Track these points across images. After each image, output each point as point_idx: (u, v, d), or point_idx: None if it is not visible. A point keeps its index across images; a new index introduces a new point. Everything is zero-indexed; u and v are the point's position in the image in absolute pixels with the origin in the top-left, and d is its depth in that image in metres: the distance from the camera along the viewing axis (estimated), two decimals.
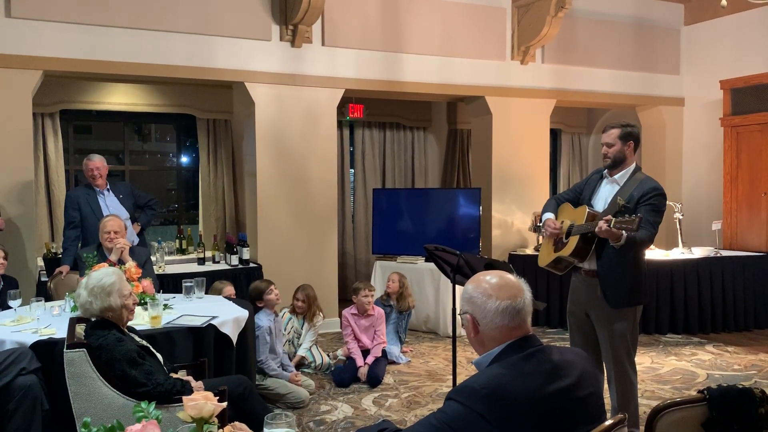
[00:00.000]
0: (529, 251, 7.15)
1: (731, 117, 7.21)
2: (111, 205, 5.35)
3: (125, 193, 5.53)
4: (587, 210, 3.58)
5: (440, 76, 6.95)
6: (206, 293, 4.63)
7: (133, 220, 5.53)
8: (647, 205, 3.43)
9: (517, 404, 1.71)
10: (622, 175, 3.60)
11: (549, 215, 3.79)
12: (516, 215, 7.38)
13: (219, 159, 7.38)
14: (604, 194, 3.65)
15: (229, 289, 4.89)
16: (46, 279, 5.20)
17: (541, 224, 3.87)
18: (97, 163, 5.34)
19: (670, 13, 8.12)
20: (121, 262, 4.37)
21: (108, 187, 5.43)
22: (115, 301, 2.96)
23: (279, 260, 6.28)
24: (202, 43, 5.94)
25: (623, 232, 3.26)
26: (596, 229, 3.34)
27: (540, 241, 7.02)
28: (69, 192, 5.79)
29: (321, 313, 5.43)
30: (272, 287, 4.93)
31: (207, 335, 3.68)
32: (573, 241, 3.57)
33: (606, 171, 3.68)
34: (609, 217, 3.32)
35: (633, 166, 3.62)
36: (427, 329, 6.61)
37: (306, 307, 5.31)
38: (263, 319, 4.70)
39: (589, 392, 1.84)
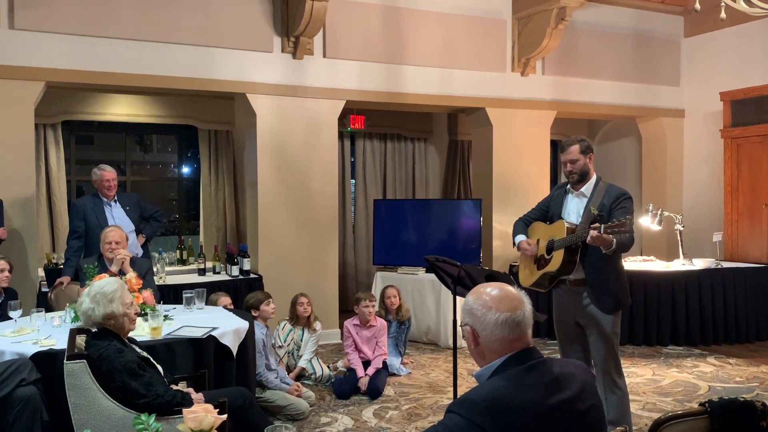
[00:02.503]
0: None
1: (731, 129, 7.23)
2: (117, 216, 5.35)
3: (132, 204, 5.53)
4: (565, 224, 3.63)
5: (441, 88, 6.97)
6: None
7: (138, 231, 5.53)
8: (620, 209, 3.55)
9: (517, 417, 1.71)
10: (587, 187, 3.71)
11: (521, 237, 3.90)
12: None
13: (220, 170, 7.40)
14: (574, 207, 3.73)
15: (225, 300, 4.88)
16: (47, 290, 5.20)
17: (515, 247, 3.97)
18: (112, 174, 5.37)
19: (670, 25, 8.15)
20: (121, 272, 4.37)
21: (116, 198, 5.44)
22: (117, 308, 2.97)
23: (280, 271, 6.27)
24: (204, 55, 5.97)
25: (613, 237, 3.33)
26: (588, 239, 3.38)
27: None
28: (75, 201, 5.78)
29: (318, 321, 5.43)
30: (270, 300, 4.94)
31: (207, 346, 3.67)
32: (558, 256, 3.63)
33: (569, 186, 3.77)
34: (597, 224, 3.38)
35: (595, 176, 3.74)
36: (428, 341, 6.60)
37: (309, 311, 5.31)
38: (257, 332, 4.68)
39: (590, 404, 1.84)
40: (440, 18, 6.90)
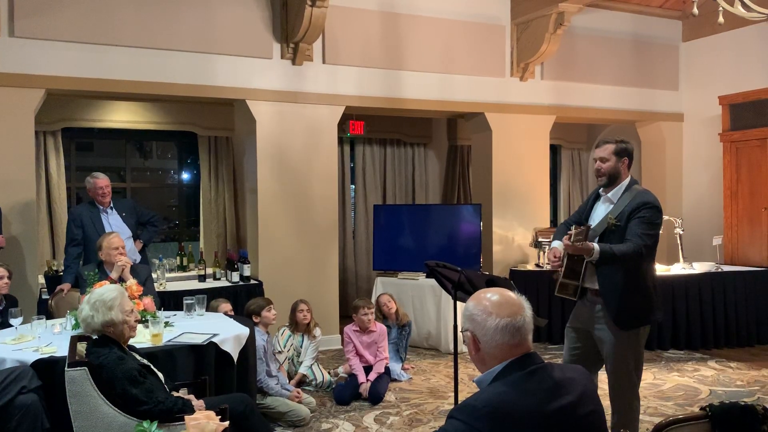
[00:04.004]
0: (530, 267, 7.15)
1: (730, 132, 7.24)
2: (114, 223, 5.36)
3: (128, 210, 5.53)
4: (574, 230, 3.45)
5: (440, 93, 6.99)
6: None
7: (135, 237, 5.53)
8: (637, 218, 3.33)
9: (518, 422, 1.71)
10: (615, 192, 3.47)
11: (555, 243, 3.66)
12: (517, 231, 7.39)
13: (220, 176, 7.40)
14: (600, 213, 3.53)
15: (225, 306, 4.88)
16: (47, 297, 5.20)
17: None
18: (105, 181, 5.37)
19: (669, 30, 8.17)
20: (122, 279, 4.37)
21: (111, 205, 5.44)
22: (116, 315, 2.97)
23: (280, 277, 6.28)
24: (203, 62, 5.99)
25: (593, 245, 3.22)
26: (563, 247, 3.29)
27: (540, 258, 7.05)
28: (72, 209, 5.78)
29: (318, 327, 5.43)
30: (272, 306, 4.95)
31: (208, 353, 3.67)
32: (565, 263, 3.49)
33: (601, 189, 3.56)
34: (570, 231, 3.27)
35: (626, 181, 3.48)
36: (429, 346, 6.59)
37: (309, 318, 5.31)
38: (257, 338, 4.68)
39: (591, 410, 1.84)
40: (439, 24, 6.92)
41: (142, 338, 3.62)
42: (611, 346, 3.41)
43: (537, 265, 7.12)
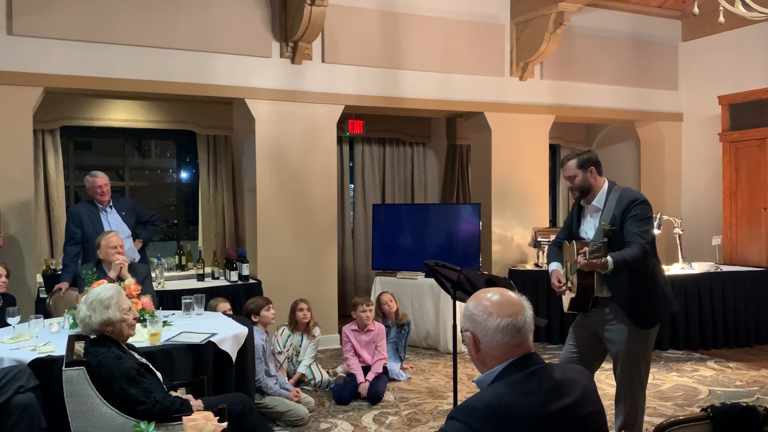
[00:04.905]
0: (529, 267, 7.14)
1: (730, 132, 7.23)
2: (113, 222, 5.34)
3: (128, 209, 5.52)
4: (574, 244, 3.45)
5: (440, 92, 6.98)
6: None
7: (135, 236, 5.51)
8: (630, 218, 3.35)
9: (519, 423, 1.70)
10: (598, 200, 3.50)
11: (553, 266, 3.65)
12: (516, 230, 7.38)
13: (219, 175, 7.39)
14: (591, 224, 3.54)
15: (224, 305, 4.87)
16: (45, 296, 5.18)
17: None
18: (104, 180, 5.36)
19: (668, 29, 8.17)
20: (120, 278, 4.36)
21: (111, 204, 5.42)
22: (114, 314, 2.95)
23: (279, 276, 6.27)
24: (202, 60, 5.97)
25: (608, 259, 3.21)
26: (579, 267, 3.28)
27: (539, 258, 7.04)
28: (71, 208, 5.78)
29: (317, 326, 5.42)
30: (270, 305, 4.94)
31: (206, 352, 3.66)
32: (574, 280, 3.45)
33: (582, 201, 3.59)
34: (584, 249, 3.25)
35: (605, 186, 3.51)
36: (428, 345, 6.59)
37: (309, 317, 5.30)
38: (256, 338, 4.67)
39: (592, 410, 1.83)
40: (439, 23, 6.91)
41: (141, 337, 3.61)
42: (622, 347, 3.42)
43: (536, 264, 7.11)
